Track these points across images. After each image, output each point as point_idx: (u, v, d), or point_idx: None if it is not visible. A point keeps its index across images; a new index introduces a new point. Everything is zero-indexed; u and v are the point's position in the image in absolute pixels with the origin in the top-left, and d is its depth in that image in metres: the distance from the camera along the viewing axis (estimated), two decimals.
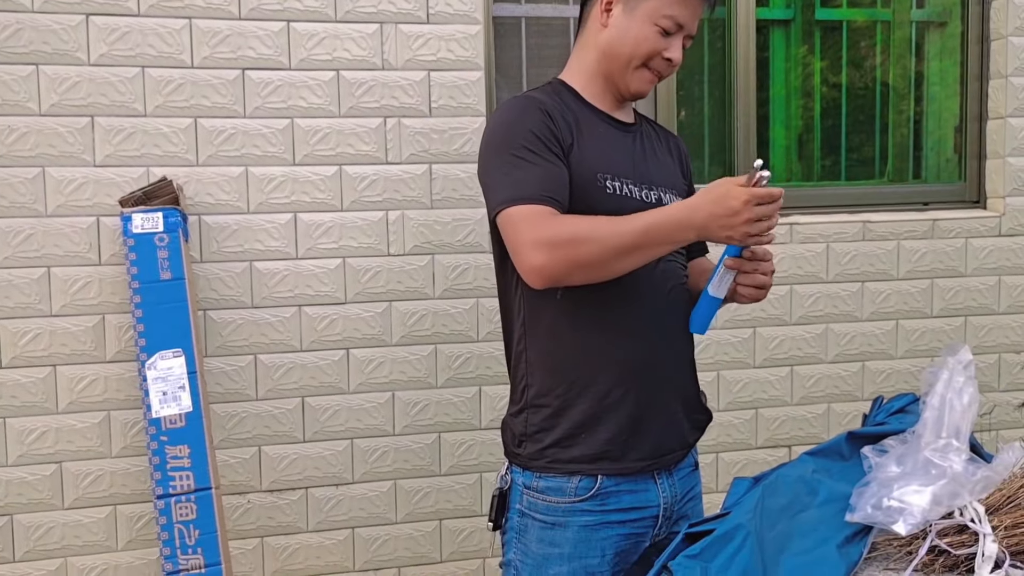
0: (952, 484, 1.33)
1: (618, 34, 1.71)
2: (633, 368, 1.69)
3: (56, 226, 2.51)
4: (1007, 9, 3.14)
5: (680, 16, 1.69)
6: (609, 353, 1.68)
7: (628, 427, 1.68)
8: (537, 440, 1.70)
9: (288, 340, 2.67)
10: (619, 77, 1.74)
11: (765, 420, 3.06)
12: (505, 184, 1.60)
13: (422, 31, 2.71)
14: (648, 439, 1.70)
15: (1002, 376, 3.22)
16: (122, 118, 2.53)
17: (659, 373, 1.72)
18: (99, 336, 2.55)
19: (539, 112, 1.65)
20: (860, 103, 3.34)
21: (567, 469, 1.67)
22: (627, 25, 1.70)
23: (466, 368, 2.79)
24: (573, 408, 1.68)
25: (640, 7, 1.69)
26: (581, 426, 1.67)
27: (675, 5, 1.68)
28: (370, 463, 2.74)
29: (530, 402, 1.72)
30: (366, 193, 2.70)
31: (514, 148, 1.61)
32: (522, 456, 1.71)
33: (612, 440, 1.67)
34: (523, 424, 1.72)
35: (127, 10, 2.52)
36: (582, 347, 1.68)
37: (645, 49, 1.70)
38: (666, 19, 1.68)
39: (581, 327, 1.67)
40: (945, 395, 1.43)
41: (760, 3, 3.15)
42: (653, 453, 1.71)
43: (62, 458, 2.54)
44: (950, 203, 3.28)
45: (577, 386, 1.68)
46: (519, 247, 1.55)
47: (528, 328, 1.72)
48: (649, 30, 1.69)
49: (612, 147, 1.73)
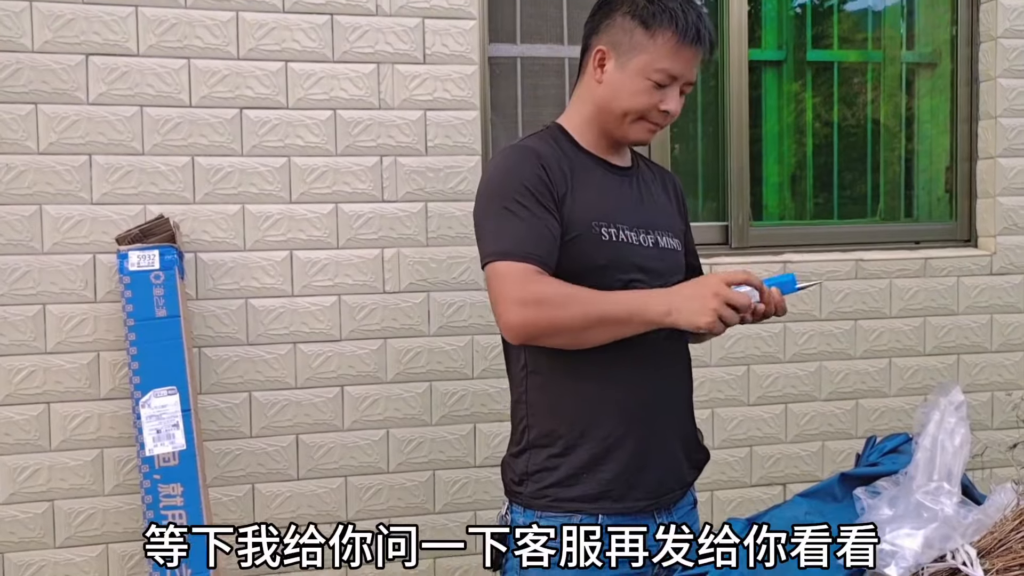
0: (944, 527, 1.33)
1: (612, 90, 1.72)
2: (633, 409, 1.70)
3: (52, 263, 2.51)
4: (995, 51, 3.18)
5: (673, 68, 1.69)
6: (609, 395, 1.69)
7: (629, 467, 1.69)
8: (539, 479, 1.70)
9: (283, 377, 2.67)
10: (616, 129, 1.75)
11: (759, 458, 3.06)
12: (494, 236, 1.62)
13: (418, 71, 2.74)
14: (649, 479, 1.71)
15: (995, 414, 3.23)
16: (120, 156, 2.55)
17: (659, 414, 1.73)
18: (93, 373, 2.55)
19: (535, 163, 1.66)
20: (852, 142, 3.38)
21: (569, 508, 1.67)
22: (620, 80, 1.71)
23: (461, 405, 2.79)
24: (575, 449, 1.69)
25: (632, 62, 1.69)
26: (583, 467, 1.68)
27: (667, 58, 1.68)
28: (364, 501, 2.73)
29: (532, 443, 1.72)
30: (362, 231, 2.71)
31: (506, 200, 1.63)
32: (523, 495, 1.71)
33: (613, 480, 1.68)
34: (525, 464, 1.72)
35: (126, 50, 2.54)
36: (583, 390, 1.69)
37: (640, 104, 1.70)
38: (658, 73, 1.68)
39: (582, 370, 1.68)
40: (937, 436, 1.44)
41: (752, 44, 3.19)
42: (653, 493, 1.72)
43: (54, 496, 2.53)
44: (942, 242, 3.30)
45: (578, 428, 1.69)
46: (500, 302, 1.59)
47: (530, 370, 1.73)
48: (642, 84, 1.69)
49: (608, 193, 1.74)
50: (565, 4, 3.03)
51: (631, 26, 1.70)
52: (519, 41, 3.01)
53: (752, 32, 3.20)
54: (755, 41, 3.25)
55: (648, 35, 1.68)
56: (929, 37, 3.40)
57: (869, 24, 3.40)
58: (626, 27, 1.70)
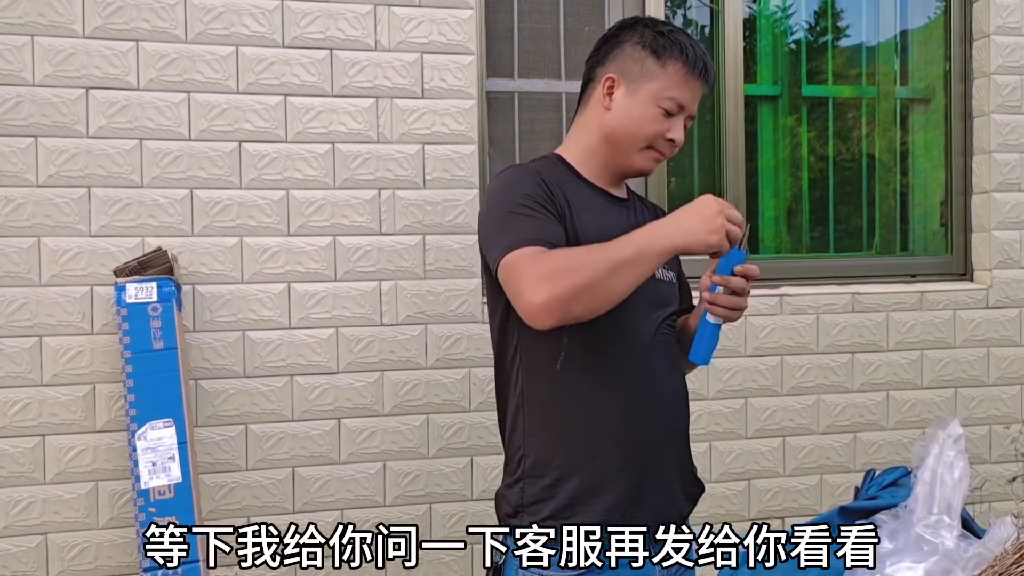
0: (944, 561, 1.33)
1: (621, 116, 1.74)
2: (631, 440, 1.69)
3: (50, 295, 2.51)
4: (989, 87, 3.22)
5: (682, 97, 1.73)
6: (607, 425, 1.68)
7: (625, 500, 1.68)
8: (534, 511, 1.69)
9: (280, 410, 2.67)
10: (622, 158, 1.77)
11: (757, 491, 3.04)
12: (502, 235, 1.62)
13: (417, 105, 2.76)
14: (645, 512, 1.70)
15: (993, 448, 3.22)
16: (119, 189, 2.56)
17: (656, 445, 1.73)
18: (89, 406, 2.54)
19: (536, 178, 1.68)
20: (847, 176, 3.40)
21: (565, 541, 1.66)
22: (630, 107, 1.73)
23: (458, 438, 2.78)
24: (570, 479, 1.68)
25: (643, 89, 1.72)
26: (577, 498, 1.67)
27: (677, 87, 1.72)
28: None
29: (527, 472, 1.71)
30: (360, 263, 2.72)
31: (511, 206, 1.64)
32: (521, 527, 1.70)
33: (610, 512, 1.67)
34: (519, 495, 1.71)
35: (127, 84, 2.56)
36: (580, 419, 1.68)
37: (649, 131, 1.73)
38: (668, 100, 1.72)
39: (580, 398, 1.68)
40: (936, 469, 1.44)
41: (748, 79, 3.21)
42: (650, 525, 1.70)
43: (48, 529, 2.51)
44: (937, 275, 3.32)
45: (575, 458, 1.68)
46: (520, 288, 1.55)
47: (526, 399, 1.72)
48: (652, 111, 1.72)
49: (607, 221, 1.75)
50: (562, 40, 3.07)
51: (642, 55, 1.74)
52: (517, 76, 3.04)
53: (748, 67, 3.23)
54: (751, 76, 3.28)
55: (659, 64, 1.72)
56: (923, 73, 3.44)
57: (863, 60, 3.44)
58: (636, 56, 1.74)
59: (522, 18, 3.04)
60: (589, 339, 1.68)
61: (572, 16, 3.07)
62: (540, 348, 1.69)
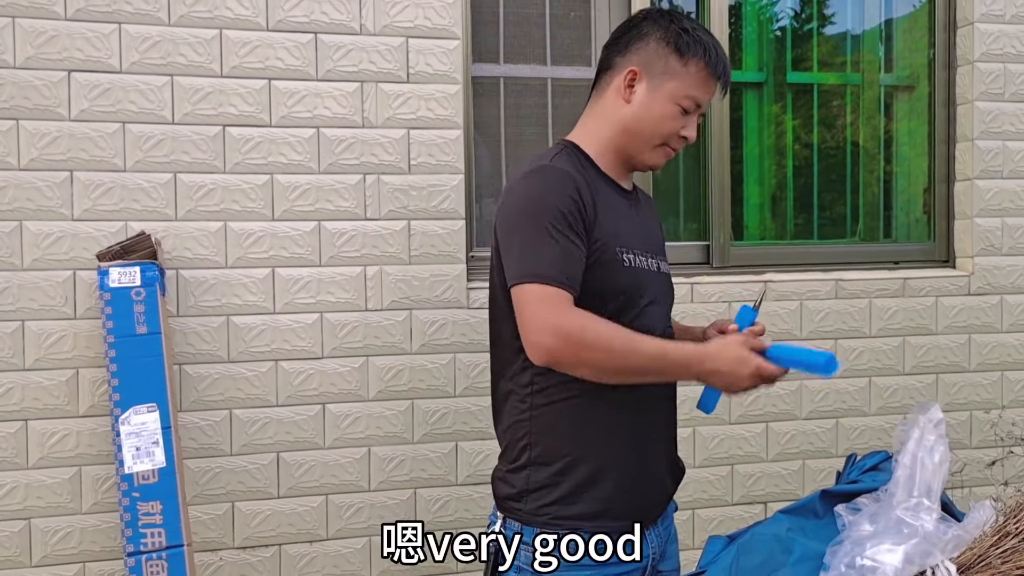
0: (924, 543, 1.34)
1: (641, 111, 1.74)
2: (630, 429, 1.73)
3: (32, 280, 2.50)
4: (972, 75, 3.23)
5: (700, 97, 1.74)
6: (612, 416, 1.71)
7: (624, 485, 1.71)
8: (539, 497, 1.71)
9: (264, 395, 2.66)
10: (637, 152, 1.78)
11: (741, 476, 3.06)
12: (528, 257, 1.61)
13: (402, 90, 2.75)
14: (641, 497, 1.74)
15: (973, 433, 3.25)
16: (101, 173, 2.54)
17: (652, 433, 1.77)
18: (72, 390, 2.53)
19: (572, 188, 1.65)
20: (831, 163, 3.41)
21: (567, 525, 1.68)
22: (650, 103, 1.74)
23: (443, 424, 2.79)
24: (577, 467, 1.70)
25: (665, 86, 1.73)
26: (583, 484, 1.70)
27: (697, 86, 1.73)
28: (345, 519, 2.72)
29: (534, 460, 1.73)
30: (344, 249, 2.71)
31: (542, 220, 1.61)
32: (523, 511, 1.72)
33: (612, 498, 1.70)
34: (525, 480, 1.73)
35: (109, 67, 2.54)
36: (588, 411, 1.70)
37: (667, 128, 1.74)
38: (687, 99, 1.73)
39: (588, 392, 1.69)
40: (916, 454, 1.45)
41: (733, 66, 3.21)
42: (646, 510, 1.75)
43: (31, 514, 2.51)
44: (920, 262, 3.34)
45: (580, 447, 1.70)
46: (533, 325, 1.58)
47: (534, 391, 1.72)
48: (671, 109, 1.73)
49: (623, 219, 1.76)
50: (548, 25, 3.06)
51: (666, 52, 1.74)
52: (502, 61, 3.03)
53: (733, 54, 3.23)
54: (736, 63, 3.28)
55: (682, 62, 1.73)
56: (907, 60, 3.45)
57: (848, 47, 3.44)
58: (660, 52, 1.74)
59: (508, 3, 3.03)
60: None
61: (558, 1, 3.07)
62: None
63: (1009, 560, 1.35)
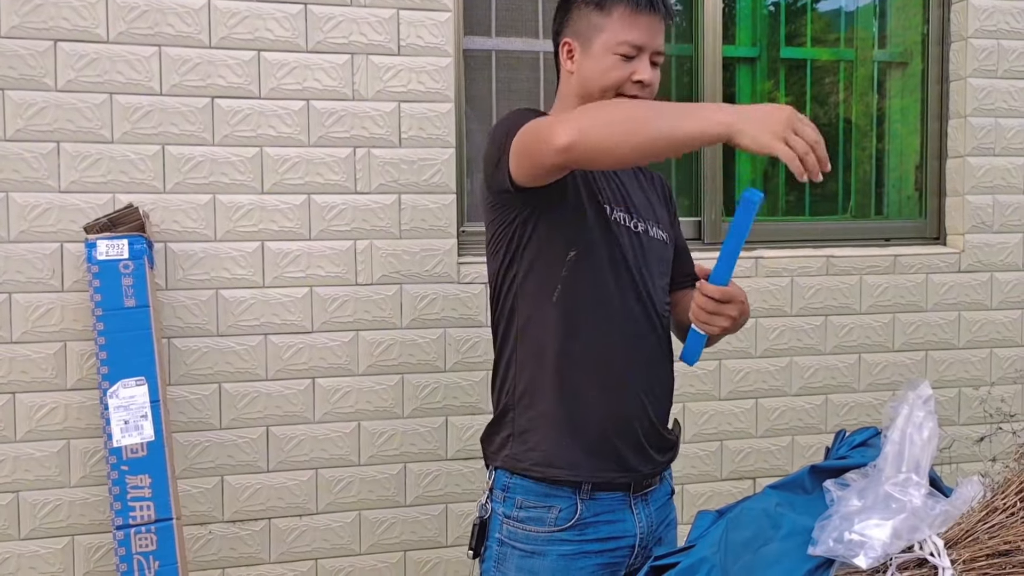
0: (912, 518, 1.34)
1: (585, 74, 1.77)
2: (617, 375, 1.75)
3: (18, 252, 2.48)
4: (966, 51, 3.22)
5: (634, 39, 1.73)
6: (591, 358, 1.73)
7: (607, 431, 1.73)
8: (524, 440, 1.74)
9: (253, 369, 2.65)
10: None
11: (730, 452, 3.07)
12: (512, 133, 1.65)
13: (393, 63, 2.73)
14: (624, 446, 1.75)
15: (962, 410, 3.26)
16: (88, 144, 2.52)
17: (640, 386, 1.78)
18: (60, 363, 2.51)
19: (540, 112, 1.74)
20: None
21: (551, 475, 1.71)
22: (590, 63, 1.76)
23: (433, 398, 2.78)
24: (561, 409, 1.72)
25: (595, 43, 1.75)
26: (564, 423, 1.71)
27: (625, 30, 1.72)
28: (335, 493, 2.72)
29: (517, 400, 1.75)
30: (334, 222, 2.69)
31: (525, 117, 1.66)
32: (509, 456, 1.74)
33: (591, 448, 1.72)
34: (510, 425, 1.76)
35: (96, 37, 2.51)
36: (571, 351, 1.72)
37: (612, 79, 1.74)
38: (622, 45, 1.73)
39: (571, 333, 1.72)
40: (905, 430, 1.45)
41: (727, 41, 3.20)
42: (630, 465, 1.76)
43: (19, 487, 2.50)
44: (911, 239, 3.34)
45: (563, 389, 1.72)
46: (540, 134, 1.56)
47: (520, 329, 1.75)
48: (610, 60, 1.74)
49: (602, 175, 1.79)
50: None
51: (587, 11, 1.76)
52: (494, 34, 3.00)
53: (726, 29, 3.21)
54: (729, 38, 3.26)
55: (604, 14, 1.74)
56: (900, 37, 3.43)
57: (842, 23, 3.42)
58: (583, 14, 1.77)
59: None
60: (587, 273, 1.72)
61: None
62: (538, 280, 1.73)
63: (996, 535, 1.35)
